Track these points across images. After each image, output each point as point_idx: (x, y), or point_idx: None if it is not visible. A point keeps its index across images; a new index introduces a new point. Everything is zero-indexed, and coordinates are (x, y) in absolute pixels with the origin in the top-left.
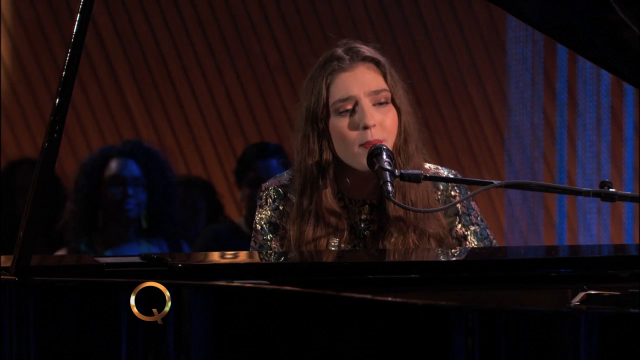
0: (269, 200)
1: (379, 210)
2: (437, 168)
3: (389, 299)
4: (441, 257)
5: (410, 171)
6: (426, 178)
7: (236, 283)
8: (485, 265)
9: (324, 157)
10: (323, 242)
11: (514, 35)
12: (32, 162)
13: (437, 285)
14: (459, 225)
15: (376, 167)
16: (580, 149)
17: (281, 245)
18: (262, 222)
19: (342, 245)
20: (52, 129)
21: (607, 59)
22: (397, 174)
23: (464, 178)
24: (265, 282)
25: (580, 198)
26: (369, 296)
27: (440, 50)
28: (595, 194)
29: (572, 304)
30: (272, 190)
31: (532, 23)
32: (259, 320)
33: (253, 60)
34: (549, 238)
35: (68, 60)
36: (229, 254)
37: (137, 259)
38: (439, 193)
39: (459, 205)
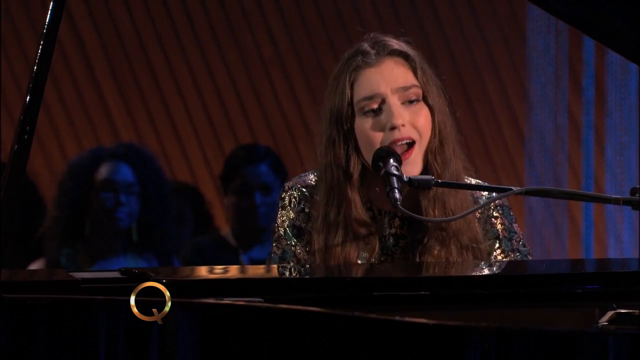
0: (293, 201)
1: (410, 224)
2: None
3: (396, 318)
4: (455, 272)
5: (420, 177)
6: (437, 184)
7: (227, 301)
8: (504, 282)
9: (352, 162)
10: (353, 256)
11: (535, 26)
12: (1, 166)
13: (451, 304)
14: (499, 251)
15: (382, 171)
16: (610, 152)
17: (307, 252)
18: (286, 225)
19: (373, 260)
20: (22, 129)
21: (638, 52)
22: (405, 179)
23: (479, 184)
24: (259, 299)
25: (609, 206)
26: (374, 315)
27: (453, 42)
28: (626, 202)
29: (599, 324)
30: (296, 191)
31: (555, 12)
32: (253, 343)
33: (245, 53)
34: (574, 251)
35: (40, 54)
36: (219, 269)
37: (116, 274)
38: (480, 210)
39: (500, 229)
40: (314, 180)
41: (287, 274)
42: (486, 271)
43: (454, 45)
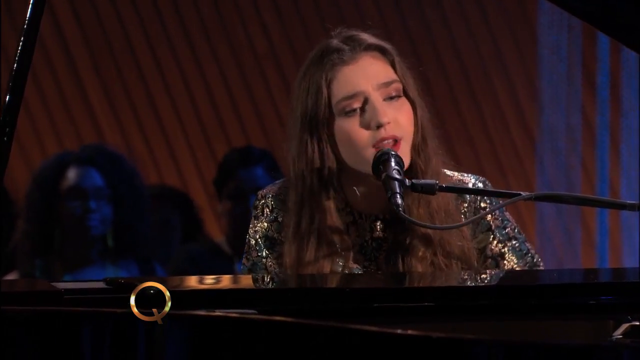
0: (266, 210)
1: (393, 226)
2: (462, 175)
3: (398, 331)
4: (461, 281)
5: (423, 181)
6: (442, 189)
7: (218, 312)
8: (512, 292)
9: (326, 166)
10: (326, 266)
11: (546, 21)
12: None
13: (456, 315)
14: (495, 242)
15: (383, 175)
16: (625, 154)
17: (278, 264)
18: (258, 236)
19: (348, 269)
20: (1, 131)
21: None
22: (407, 184)
23: (487, 189)
24: (253, 311)
25: (625, 212)
26: (374, 328)
27: (459, 37)
28: None
29: (613, 337)
30: (270, 199)
31: (567, 6)
32: (246, 357)
33: (237, 49)
34: (587, 259)
35: (20, 50)
36: (210, 279)
37: (101, 285)
38: (465, 205)
39: (490, 219)
40: (288, 187)
41: (282, 284)
42: (494, 281)
43: (460, 41)
